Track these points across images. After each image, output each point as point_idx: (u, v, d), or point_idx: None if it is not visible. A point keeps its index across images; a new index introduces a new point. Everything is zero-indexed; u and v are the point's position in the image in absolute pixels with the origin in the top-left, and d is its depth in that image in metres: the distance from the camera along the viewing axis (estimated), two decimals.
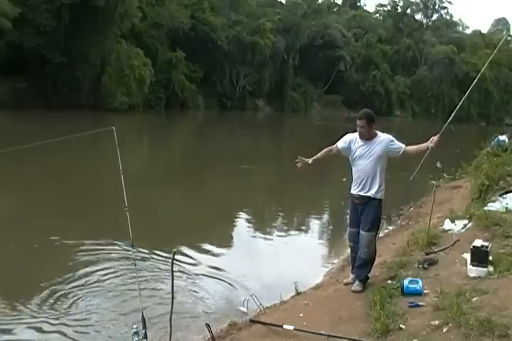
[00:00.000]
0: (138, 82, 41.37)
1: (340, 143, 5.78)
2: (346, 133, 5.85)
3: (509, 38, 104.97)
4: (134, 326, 4.27)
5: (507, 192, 8.49)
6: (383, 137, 5.60)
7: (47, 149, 14.16)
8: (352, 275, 5.91)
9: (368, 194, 5.58)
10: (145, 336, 4.28)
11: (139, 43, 44.46)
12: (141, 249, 8.00)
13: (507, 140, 12.47)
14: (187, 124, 42.61)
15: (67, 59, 37.12)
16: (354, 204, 5.72)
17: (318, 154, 5.99)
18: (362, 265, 5.70)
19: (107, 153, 15.21)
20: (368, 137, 5.58)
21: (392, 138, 5.62)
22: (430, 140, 5.44)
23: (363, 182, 5.59)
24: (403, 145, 5.57)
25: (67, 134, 7.01)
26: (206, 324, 4.86)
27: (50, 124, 24.06)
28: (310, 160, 5.92)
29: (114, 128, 5.35)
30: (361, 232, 5.61)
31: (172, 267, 4.45)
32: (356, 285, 5.69)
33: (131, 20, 42.60)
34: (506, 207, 7.81)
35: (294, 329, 4.67)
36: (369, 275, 5.79)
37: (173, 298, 4.44)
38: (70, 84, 37.70)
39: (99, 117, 31.47)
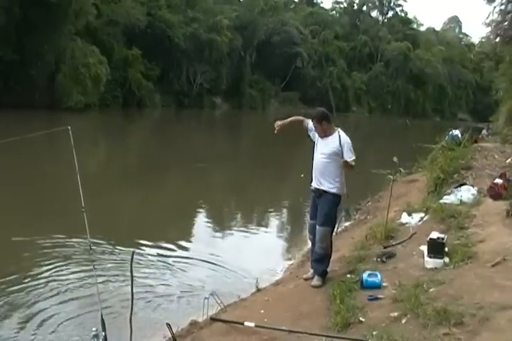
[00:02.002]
0: (94, 80, 40.61)
1: (310, 124, 5.77)
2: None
3: (461, 36, 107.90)
4: (94, 328, 4.19)
5: (461, 185, 8.71)
6: (342, 138, 5.55)
7: None
8: (311, 270, 5.93)
9: (322, 187, 5.62)
10: (105, 338, 4.20)
11: (95, 41, 43.65)
12: (99, 250, 7.88)
13: (460, 134, 12.83)
14: (144, 123, 42.15)
15: (19, 57, 36.08)
16: (313, 196, 5.80)
17: (288, 119, 5.96)
18: (317, 259, 5.75)
19: (63, 154, 14.86)
20: (323, 135, 5.65)
21: (347, 145, 5.52)
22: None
23: (316, 176, 5.68)
24: (347, 158, 5.45)
25: (21, 134, 6.82)
26: (167, 323, 4.81)
27: (2, 124, 23.38)
28: (278, 123, 5.85)
29: (69, 127, 5.24)
30: (316, 226, 5.66)
31: (131, 268, 4.39)
32: (315, 280, 5.72)
33: (86, 18, 41.71)
34: (461, 200, 8.02)
35: (255, 326, 4.67)
36: (328, 269, 5.83)
37: (132, 298, 4.38)
38: (23, 82, 36.64)
39: (54, 117, 30.80)
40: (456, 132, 13.40)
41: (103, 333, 4.20)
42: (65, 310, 5.96)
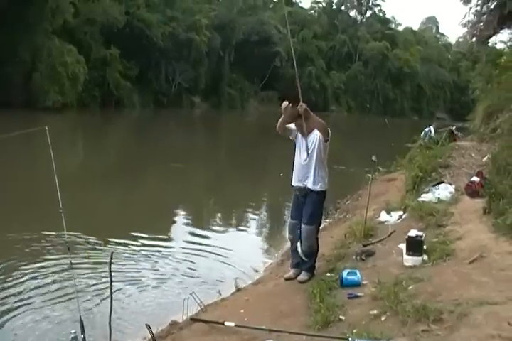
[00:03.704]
0: (71, 79, 40.21)
1: (292, 125, 5.74)
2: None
3: (438, 36, 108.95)
4: (72, 331, 4.13)
5: (439, 183, 8.79)
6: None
7: None
8: (292, 270, 5.94)
9: (306, 185, 5.63)
10: None
11: (72, 40, 43.14)
12: (77, 248, 7.82)
13: (432, 130, 13.05)
14: (122, 123, 41.82)
15: None
16: (295, 195, 5.79)
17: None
18: (304, 256, 5.75)
19: (41, 155, 14.67)
20: (307, 131, 5.64)
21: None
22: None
23: (299, 174, 5.67)
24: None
25: None
26: (146, 324, 4.78)
27: None
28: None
29: (46, 128, 5.18)
30: (302, 225, 5.67)
31: (110, 269, 4.35)
32: (302, 275, 5.76)
33: (64, 16, 41.21)
34: (439, 198, 8.08)
35: (236, 325, 4.66)
36: None
37: (111, 299, 4.34)
38: None
39: (31, 117, 30.35)
40: (430, 128, 13.70)
41: (82, 335, 4.15)
42: (43, 313, 5.88)
